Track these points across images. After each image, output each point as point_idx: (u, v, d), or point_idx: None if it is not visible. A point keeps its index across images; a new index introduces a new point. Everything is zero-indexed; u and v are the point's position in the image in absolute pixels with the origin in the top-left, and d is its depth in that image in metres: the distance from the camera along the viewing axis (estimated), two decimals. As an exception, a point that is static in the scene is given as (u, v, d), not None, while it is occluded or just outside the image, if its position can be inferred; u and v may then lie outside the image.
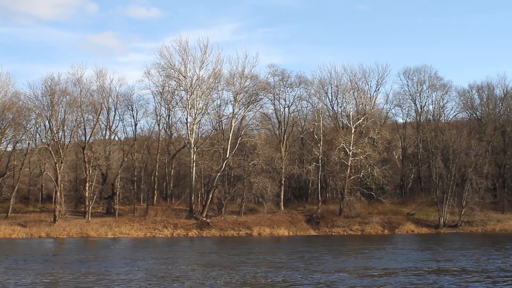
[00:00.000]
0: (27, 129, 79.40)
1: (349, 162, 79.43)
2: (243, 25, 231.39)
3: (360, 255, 47.22)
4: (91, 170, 77.31)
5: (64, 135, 78.71)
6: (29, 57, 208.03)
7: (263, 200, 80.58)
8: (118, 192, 79.11)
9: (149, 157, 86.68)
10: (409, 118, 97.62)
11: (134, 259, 43.81)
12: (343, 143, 79.49)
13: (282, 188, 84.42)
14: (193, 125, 79.82)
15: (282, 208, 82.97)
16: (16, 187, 78.11)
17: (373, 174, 79.37)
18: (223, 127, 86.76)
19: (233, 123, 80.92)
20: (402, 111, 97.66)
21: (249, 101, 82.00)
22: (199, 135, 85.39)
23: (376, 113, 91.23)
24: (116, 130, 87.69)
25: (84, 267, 38.06)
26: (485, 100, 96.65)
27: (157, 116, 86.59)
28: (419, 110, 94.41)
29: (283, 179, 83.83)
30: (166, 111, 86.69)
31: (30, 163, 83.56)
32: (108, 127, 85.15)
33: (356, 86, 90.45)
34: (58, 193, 73.48)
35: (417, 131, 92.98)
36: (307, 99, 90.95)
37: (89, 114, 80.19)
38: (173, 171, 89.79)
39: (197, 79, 79.71)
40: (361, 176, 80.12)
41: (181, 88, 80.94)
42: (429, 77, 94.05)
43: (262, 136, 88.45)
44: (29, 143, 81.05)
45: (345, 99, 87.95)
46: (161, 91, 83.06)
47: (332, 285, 30.38)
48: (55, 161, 74.41)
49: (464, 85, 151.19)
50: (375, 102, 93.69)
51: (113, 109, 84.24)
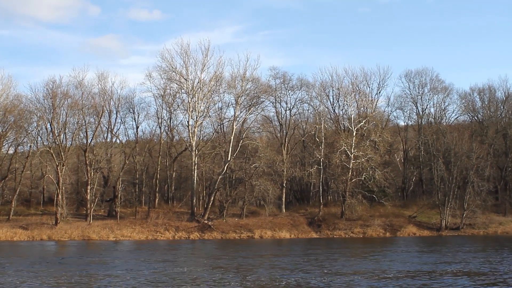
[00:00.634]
0: (29, 131, 79.59)
1: (351, 164, 79.37)
2: (245, 28, 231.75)
3: (371, 258, 47.26)
4: (92, 173, 77.27)
5: (66, 137, 78.72)
6: (30, 59, 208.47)
7: (264, 202, 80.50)
8: (119, 195, 79.04)
9: (150, 159, 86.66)
10: (411, 121, 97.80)
11: (147, 261, 43.93)
12: (344, 146, 79.45)
13: (284, 190, 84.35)
14: (195, 127, 79.81)
15: (284, 210, 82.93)
16: (18, 190, 78.08)
17: (374, 176, 79.31)
18: (225, 130, 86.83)
19: (234, 126, 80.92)
20: (403, 113, 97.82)
21: (250, 103, 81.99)
22: (201, 138, 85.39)
23: (377, 115, 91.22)
24: (117, 133, 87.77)
25: (101, 269, 38.21)
26: (486, 103, 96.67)
27: (158, 118, 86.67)
28: (421, 112, 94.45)
29: (285, 181, 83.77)
30: (168, 114, 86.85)
31: (31, 165, 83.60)
32: (110, 129, 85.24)
33: (357, 88, 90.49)
34: (60, 196, 73.47)
35: (418, 133, 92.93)
36: (308, 101, 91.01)
37: (90, 116, 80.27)
38: (174, 173, 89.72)
39: (198, 82, 79.76)
40: (362, 178, 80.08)
41: (182, 90, 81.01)
42: (430, 80, 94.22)
43: (263, 138, 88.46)
44: (30, 146, 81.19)
45: (346, 101, 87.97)
46: (162, 93, 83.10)
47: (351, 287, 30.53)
48: (57, 163, 74.41)
49: (465, 88, 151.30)
50: (376, 104, 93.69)
51: (115, 112, 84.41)
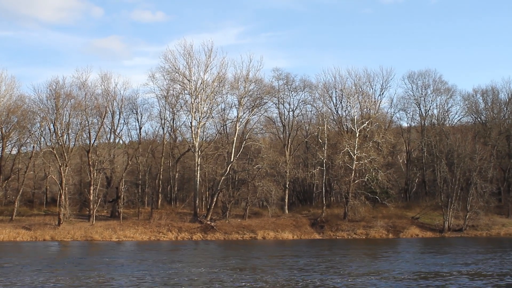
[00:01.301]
0: (32, 132, 79.68)
1: (354, 166, 79.32)
2: (248, 29, 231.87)
3: (383, 258, 47.38)
4: (95, 174, 77.33)
5: (69, 138, 78.80)
6: (34, 60, 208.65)
7: (267, 203, 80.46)
8: (122, 196, 79.11)
9: (153, 160, 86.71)
10: (414, 122, 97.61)
11: (160, 261, 44.10)
12: (347, 147, 79.40)
13: (287, 192, 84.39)
14: (198, 128, 79.83)
15: (287, 212, 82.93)
16: (21, 190, 78.22)
17: (377, 178, 79.26)
18: (228, 131, 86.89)
19: (237, 127, 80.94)
20: (406, 115, 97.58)
21: (253, 105, 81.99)
22: (204, 139, 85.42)
23: (380, 117, 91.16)
24: (120, 134, 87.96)
25: (118, 270, 38.39)
26: (489, 104, 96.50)
27: (161, 119, 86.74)
28: (424, 114, 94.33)
29: (288, 183, 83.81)
30: (171, 115, 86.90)
31: (34, 166, 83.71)
32: (113, 130, 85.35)
33: (360, 90, 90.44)
34: (63, 196, 73.53)
35: (421, 135, 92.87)
36: (311, 103, 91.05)
37: (93, 117, 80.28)
38: (177, 174, 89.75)
39: (201, 83, 79.79)
40: (365, 180, 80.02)
41: (185, 91, 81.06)
42: (433, 81, 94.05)
43: (266, 140, 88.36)
44: (33, 147, 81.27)
45: (349, 103, 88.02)
46: (165, 94, 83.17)
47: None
48: (60, 164, 74.47)
49: (468, 89, 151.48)
50: (379, 106, 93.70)
51: (118, 113, 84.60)
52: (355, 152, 79.68)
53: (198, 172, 79.26)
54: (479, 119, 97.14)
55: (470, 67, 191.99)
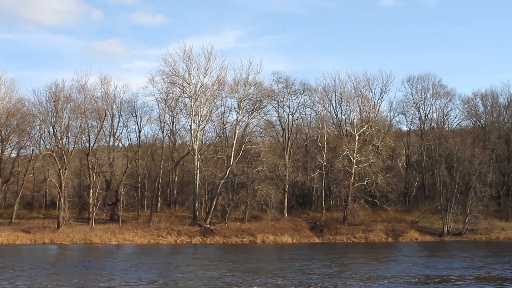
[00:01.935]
0: (31, 135, 79.70)
1: (353, 169, 79.32)
2: (248, 33, 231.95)
3: (393, 262, 47.44)
4: (95, 177, 77.29)
5: (68, 141, 78.84)
6: (33, 63, 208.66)
7: (266, 207, 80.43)
8: (122, 199, 79.08)
9: (153, 163, 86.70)
10: (413, 126, 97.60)
11: (170, 264, 44.20)
12: (347, 151, 79.40)
13: (286, 195, 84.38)
14: (197, 132, 79.84)
15: (286, 215, 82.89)
16: (20, 193, 78.14)
17: (377, 181, 79.27)
18: (227, 134, 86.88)
19: (237, 130, 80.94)
20: (406, 118, 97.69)
21: (253, 108, 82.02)
22: (203, 142, 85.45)
23: (380, 120, 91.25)
24: (120, 137, 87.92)
25: (131, 273, 38.33)
26: (489, 108, 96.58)
27: (161, 123, 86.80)
28: (423, 118, 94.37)
29: (287, 186, 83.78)
30: (170, 118, 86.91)
31: (34, 169, 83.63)
32: (112, 133, 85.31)
33: (360, 93, 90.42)
34: (62, 200, 73.48)
35: (421, 139, 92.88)
36: (311, 106, 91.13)
37: (93, 120, 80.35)
38: (177, 178, 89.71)
39: (201, 86, 79.84)
40: (365, 183, 80.00)
41: (185, 95, 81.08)
42: (433, 85, 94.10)
43: (266, 143, 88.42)
44: (33, 149, 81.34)
45: (349, 106, 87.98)
46: (165, 98, 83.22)
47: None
48: (59, 167, 74.46)
49: (468, 93, 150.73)
50: (379, 109, 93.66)
51: (117, 116, 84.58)
52: (355, 156, 79.68)
53: (198, 176, 79.24)
54: (478, 123, 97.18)
55: (470, 70, 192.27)
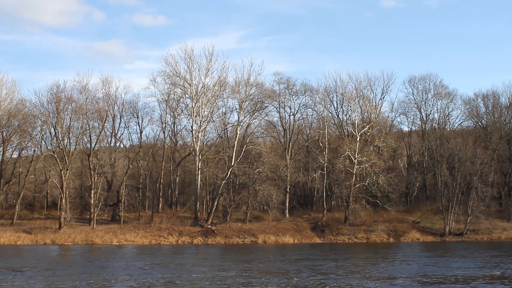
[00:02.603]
0: (33, 136, 79.58)
1: (354, 170, 79.30)
2: (249, 33, 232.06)
3: (404, 262, 47.40)
4: (96, 177, 77.34)
5: (70, 142, 78.88)
6: (35, 64, 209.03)
7: (268, 207, 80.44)
8: (123, 199, 79.12)
9: (154, 164, 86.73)
10: (415, 126, 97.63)
11: (182, 265, 44.21)
12: (348, 151, 79.39)
13: (287, 196, 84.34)
14: (198, 132, 79.85)
15: (287, 215, 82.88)
16: (22, 194, 78.18)
17: (378, 182, 79.22)
18: (228, 135, 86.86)
19: (238, 131, 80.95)
20: (407, 119, 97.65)
21: (254, 109, 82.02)
22: (204, 143, 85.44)
23: (381, 121, 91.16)
24: (121, 138, 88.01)
25: (149, 273, 38.42)
26: (490, 109, 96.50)
27: (162, 123, 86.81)
28: (425, 118, 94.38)
29: (288, 187, 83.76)
30: (172, 119, 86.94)
31: (35, 170, 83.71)
32: (114, 134, 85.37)
33: (361, 94, 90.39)
34: (64, 200, 73.54)
35: (422, 139, 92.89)
36: (312, 107, 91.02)
37: (94, 121, 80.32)
38: (178, 178, 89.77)
39: (202, 87, 79.81)
40: (366, 184, 79.98)
41: (186, 95, 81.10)
42: (434, 86, 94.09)
43: (267, 144, 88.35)
44: (34, 150, 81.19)
45: (350, 107, 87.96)
46: (166, 98, 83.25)
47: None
48: (61, 168, 74.49)
49: (469, 94, 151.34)
50: (380, 110, 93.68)
51: (119, 117, 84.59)
52: (356, 156, 79.67)
53: (199, 176, 79.24)
54: (480, 123, 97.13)
55: (471, 71, 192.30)
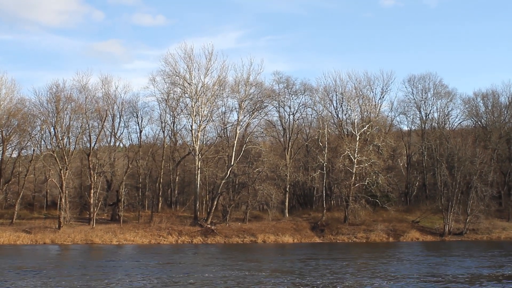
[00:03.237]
0: (32, 135, 79.58)
1: (354, 169, 79.30)
2: (248, 33, 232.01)
3: (412, 261, 47.43)
4: (96, 177, 77.30)
5: (69, 141, 78.80)
6: (34, 64, 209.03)
7: (267, 207, 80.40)
8: (122, 199, 79.10)
9: (153, 164, 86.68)
10: (414, 126, 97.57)
11: (193, 264, 44.51)
12: (347, 151, 79.38)
13: (287, 195, 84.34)
14: (198, 132, 79.84)
15: (287, 215, 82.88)
16: (21, 194, 78.12)
17: (378, 181, 79.25)
18: (228, 134, 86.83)
19: (238, 130, 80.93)
20: (407, 118, 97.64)
21: (254, 108, 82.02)
22: (204, 142, 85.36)
23: (381, 120, 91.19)
24: (121, 137, 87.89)
25: (161, 272, 38.45)
26: (490, 108, 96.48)
27: (162, 123, 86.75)
28: (424, 117, 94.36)
29: (288, 186, 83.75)
30: (171, 118, 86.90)
31: (35, 169, 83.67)
32: (113, 134, 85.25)
33: (361, 93, 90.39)
34: (63, 200, 73.50)
35: (422, 138, 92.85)
36: (312, 106, 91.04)
37: (94, 120, 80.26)
38: (177, 178, 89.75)
39: (202, 86, 79.79)
40: (365, 183, 79.99)
41: (186, 95, 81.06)
42: (434, 85, 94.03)
43: (266, 143, 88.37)
44: (34, 150, 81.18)
45: (350, 106, 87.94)
46: (166, 98, 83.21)
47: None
48: (60, 167, 74.47)
49: (469, 93, 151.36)
50: (380, 109, 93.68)
51: (118, 116, 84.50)
52: (356, 156, 79.68)
53: (199, 176, 79.23)
54: (479, 123, 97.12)
55: (471, 70, 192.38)
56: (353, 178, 79.36)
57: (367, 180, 79.84)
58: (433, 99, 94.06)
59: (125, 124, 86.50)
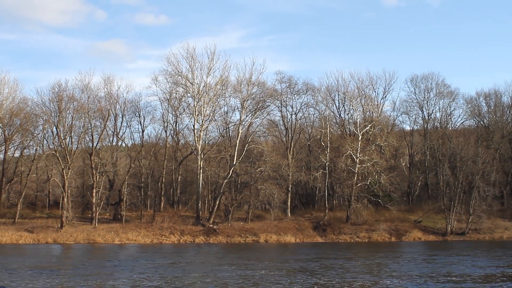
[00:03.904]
0: (35, 135, 79.70)
1: (356, 169, 79.28)
2: (251, 32, 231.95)
3: (425, 261, 47.36)
4: (98, 176, 77.35)
5: (72, 141, 78.93)
6: (37, 63, 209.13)
7: (270, 207, 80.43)
8: (125, 198, 79.09)
9: (156, 163, 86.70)
10: (416, 126, 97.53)
11: (208, 263, 44.57)
12: (350, 150, 79.35)
13: (289, 195, 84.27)
14: (200, 131, 79.86)
15: (289, 215, 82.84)
16: (24, 193, 78.20)
17: (380, 181, 79.22)
18: (230, 134, 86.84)
19: (240, 130, 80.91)
20: (409, 118, 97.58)
21: (256, 108, 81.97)
22: (206, 142, 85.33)
23: (383, 120, 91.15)
24: (123, 137, 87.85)
25: (181, 272, 38.60)
26: (492, 108, 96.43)
27: (164, 122, 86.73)
28: (426, 117, 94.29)
29: (290, 186, 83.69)
30: (173, 118, 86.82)
31: (37, 169, 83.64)
32: (116, 133, 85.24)
33: (363, 93, 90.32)
34: (65, 199, 73.53)
35: (424, 138, 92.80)
36: (314, 106, 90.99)
37: (96, 120, 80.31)
38: (180, 177, 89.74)
39: (204, 86, 79.81)
40: (368, 183, 79.95)
41: (188, 94, 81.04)
42: (436, 85, 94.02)
43: (269, 143, 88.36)
44: (36, 149, 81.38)
45: (352, 106, 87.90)
46: (168, 97, 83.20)
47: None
48: (62, 167, 74.53)
49: (471, 93, 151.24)
50: (382, 109, 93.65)
51: (121, 116, 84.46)
52: (358, 155, 79.63)
53: (201, 175, 79.25)
54: (482, 123, 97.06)
55: (473, 70, 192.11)
56: (355, 177, 79.32)
57: (369, 180, 79.81)
58: (435, 99, 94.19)
59: (127, 124, 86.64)
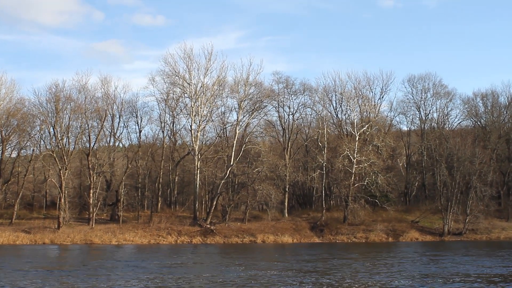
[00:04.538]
0: (32, 135, 79.63)
1: (353, 169, 79.32)
2: (248, 33, 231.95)
3: (432, 261, 47.20)
4: (95, 177, 77.29)
5: (69, 141, 78.77)
6: (34, 64, 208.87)
7: (267, 207, 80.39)
8: (122, 199, 79.05)
9: (153, 164, 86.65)
10: (414, 126, 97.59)
11: (216, 263, 44.56)
12: (347, 151, 79.39)
13: (286, 195, 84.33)
14: (197, 132, 79.84)
15: (286, 215, 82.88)
16: (21, 194, 78.08)
17: (377, 181, 79.24)
18: (227, 134, 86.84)
19: (237, 130, 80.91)
20: (406, 118, 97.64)
21: (253, 108, 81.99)
22: (203, 142, 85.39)
23: (380, 120, 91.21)
24: (120, 137, 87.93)
25: (187, 272, 38.29)
26: (489, 108, 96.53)
27: (161, 123, 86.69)
28: (424, 117, 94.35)
29: (287, 186, 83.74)
30: (171, 118, 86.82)
31: (34, 169, 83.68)
32: (113, 134, 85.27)
33: (360, 93, 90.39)
34: (62, 200, 73.49)
35: (421, 138, 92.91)
36: (311, 106, 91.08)
37: (93, 120, 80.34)
38: (177, 178, 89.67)
39: (201, 86, 79.81)
40: (365, 183, 80.00)
41: (185, 95, 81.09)
42: (433, 85, 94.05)
43: (266, 143, 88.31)
44: (33, 150, 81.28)
45: (349, 106, 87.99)
46: (165, 98, 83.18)
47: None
48: (60, 167, 74.47)
49: (468, 93, 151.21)
50: (379, 109, 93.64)
51: (118, 116, 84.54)
52: (355, 156, 79.68)
53: (198, 176, 79.22)
54: (479, 123, 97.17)
55: (470, 70, 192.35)
56: (352, 178, 79.38)
57: (366, 180, 79.85)
58: (432, 99, 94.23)
59: (124, 124, 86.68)
